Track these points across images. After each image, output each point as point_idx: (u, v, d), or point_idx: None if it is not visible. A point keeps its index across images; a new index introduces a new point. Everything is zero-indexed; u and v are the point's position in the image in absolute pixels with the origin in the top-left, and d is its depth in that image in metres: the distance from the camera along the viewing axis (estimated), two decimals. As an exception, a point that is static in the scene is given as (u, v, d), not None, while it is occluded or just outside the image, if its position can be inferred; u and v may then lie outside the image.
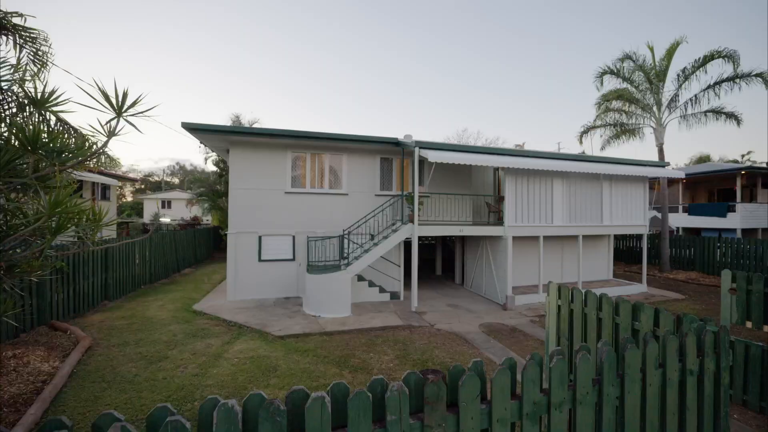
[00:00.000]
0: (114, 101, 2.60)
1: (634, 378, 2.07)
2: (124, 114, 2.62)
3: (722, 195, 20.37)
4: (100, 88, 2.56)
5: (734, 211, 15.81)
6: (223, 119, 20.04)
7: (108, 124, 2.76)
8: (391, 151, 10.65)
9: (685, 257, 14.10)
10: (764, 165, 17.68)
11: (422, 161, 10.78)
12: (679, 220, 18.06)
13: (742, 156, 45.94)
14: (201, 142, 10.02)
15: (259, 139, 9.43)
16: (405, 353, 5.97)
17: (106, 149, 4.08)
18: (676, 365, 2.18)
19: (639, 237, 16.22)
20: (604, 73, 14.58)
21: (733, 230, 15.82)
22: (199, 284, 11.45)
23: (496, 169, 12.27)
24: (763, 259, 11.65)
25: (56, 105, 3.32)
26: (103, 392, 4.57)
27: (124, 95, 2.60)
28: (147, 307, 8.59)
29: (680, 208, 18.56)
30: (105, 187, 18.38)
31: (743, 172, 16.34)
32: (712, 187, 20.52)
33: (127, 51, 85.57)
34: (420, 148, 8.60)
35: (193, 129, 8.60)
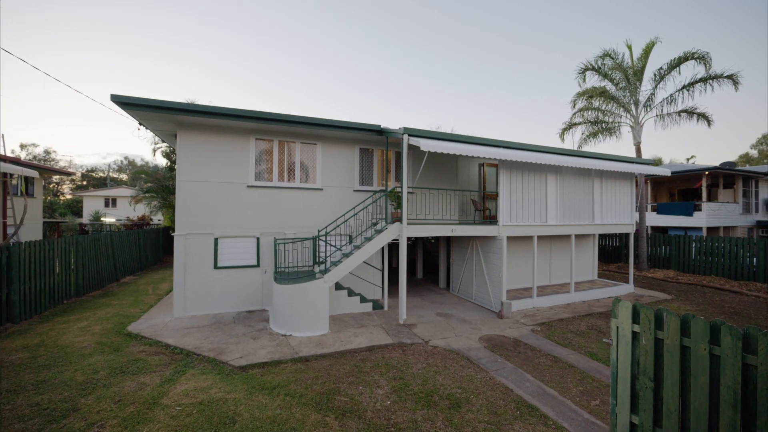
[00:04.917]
0: None
1: None
2: None
3: (682, 194, 21.29)
4: None
5: (700, 210, 16.32)
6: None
7: None
8: (372, 141, 9.42)
9: (661, 256, 14.19)
10: (717, 166, 18.45)
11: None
12: (648, 218, 18.47)
13: (687, 159, 49.83)
14: (140, 123, 8.17)
15: (214, 121, 7.81)
16: (403, 384, 4.79)
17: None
18: None
19: (615, 236, 16.28)
20: (586, 69, 14.35)
21: (699, 228, 16.33)
22: (141, 296, 9.52)
23: (481, 165, 11.46)
24: (738, 257, 11.82)
25: None
26: (-44, 483, 2.97)
27: None
28: (65, 330, 6.71)
29: (649, 207, 19.03)
30: (26, 181, 15.39)
31: (707, 173, 16.95)
32: (673, 186, 21.37)
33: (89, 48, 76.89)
34: (410, 135, 7.46)
35: (128, 104, 6.84)
